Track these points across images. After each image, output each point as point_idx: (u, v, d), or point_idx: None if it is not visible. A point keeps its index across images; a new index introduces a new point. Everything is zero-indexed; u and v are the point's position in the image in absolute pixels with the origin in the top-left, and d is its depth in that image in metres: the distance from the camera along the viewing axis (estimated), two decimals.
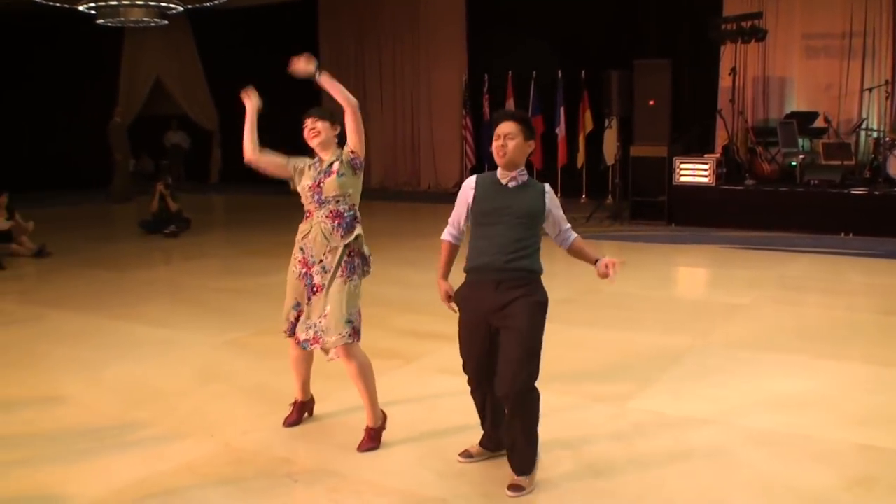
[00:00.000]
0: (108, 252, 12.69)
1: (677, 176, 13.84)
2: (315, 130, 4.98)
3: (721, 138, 14.87)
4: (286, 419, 5.40)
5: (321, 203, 4.95)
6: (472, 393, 4.73)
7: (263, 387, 6.17)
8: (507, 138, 4.42)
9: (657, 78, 14.02)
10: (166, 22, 18.07)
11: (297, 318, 5.06)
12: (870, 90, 14.27)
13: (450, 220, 4.75)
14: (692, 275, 11.10)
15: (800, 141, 13.83)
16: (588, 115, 16.62)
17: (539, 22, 17.09)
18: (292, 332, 5.09)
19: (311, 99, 21.69)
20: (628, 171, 14.59)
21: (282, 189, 5.03)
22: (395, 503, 4.32)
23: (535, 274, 4.43)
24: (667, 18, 15.21)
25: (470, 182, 4.66)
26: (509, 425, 4.42)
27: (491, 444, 4.78)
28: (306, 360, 5.26)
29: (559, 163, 17.06)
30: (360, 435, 4.99)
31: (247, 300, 9.14)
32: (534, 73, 17.14)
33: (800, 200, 13.04)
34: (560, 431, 5.07)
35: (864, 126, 14.16)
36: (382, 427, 5.08)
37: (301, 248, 5.02)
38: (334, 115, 5.07)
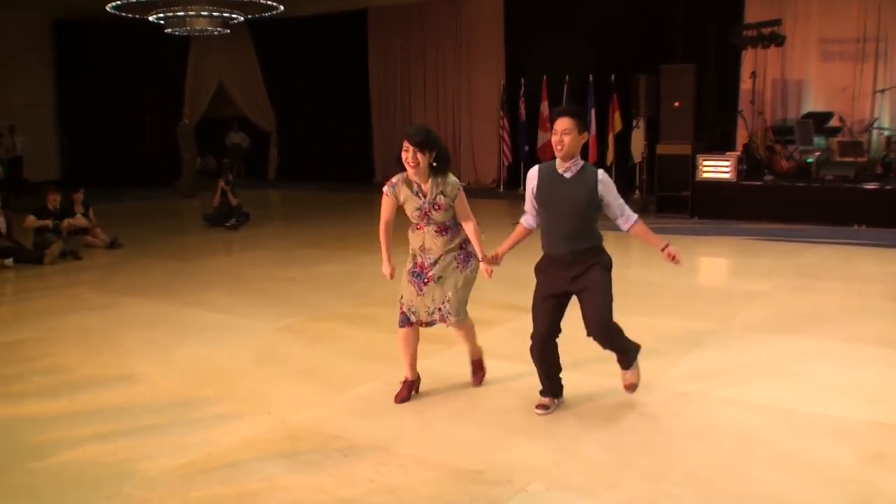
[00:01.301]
0: (175, 243, 12.82)
1: (700, 172, 13.70)
2: (415, 160, 4.93)
3: (742, 137, 14.71)
4: (397, 396, 5.38)
5: (429, 222, 5.09)
6: (532, 348, 5.02)
7: (316, 369, 6.20)
8: (564, 133, 4.67)
9: (682, 81, 13.91)
10: (228, 31, 18.20)
11: (408, 311, 5.22)
12: (882, 91, 14.04)
13: (525, 207, 5.02)
14: (714, 264, 10.98)
15: (815, 139, 13.64)
16: (617, 115, 16.50)
17: (572, 29, 16.96)
18: (404, 322, 5.23)
19: (361, 102, 21.65)
20: (654, 167, 14.54)
21: (332, 186, 5.01)
22: (438, 475, 4.32)
23: (597, 246, 4.87)
24: (691, 25, 15.04)
25: (532, 172, 4.93)
26: (609, 349, 5.03)
27: (550, 392, 5.14)
28: (415, 339, 5.32)
29: (590, 160, 16.95)
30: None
31: (301, 288, 9.17)
32: (566, 77, 17.04)
33: (815, 195, 12.88)
34: (590, 410, 5.06)
35: (876, 125, 13.96)
36: (482, 358, 5.60)
37: (416, 256, 5.19)
38: (431, 139, 4.97)
